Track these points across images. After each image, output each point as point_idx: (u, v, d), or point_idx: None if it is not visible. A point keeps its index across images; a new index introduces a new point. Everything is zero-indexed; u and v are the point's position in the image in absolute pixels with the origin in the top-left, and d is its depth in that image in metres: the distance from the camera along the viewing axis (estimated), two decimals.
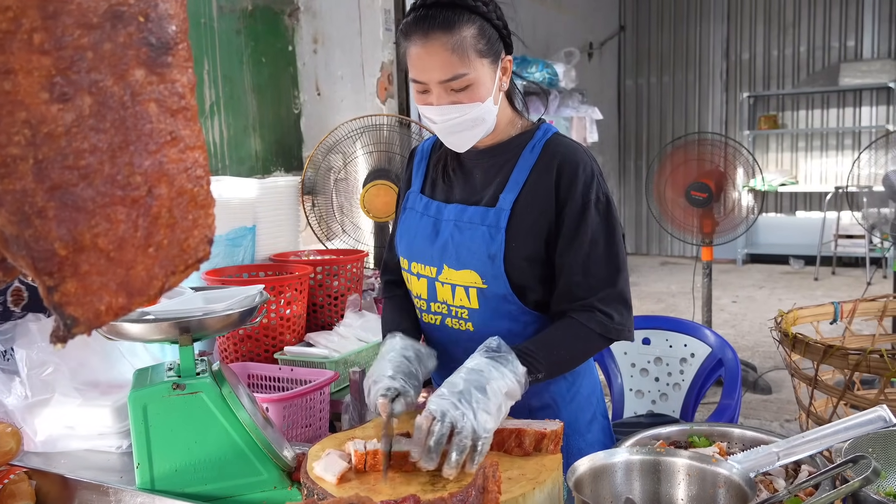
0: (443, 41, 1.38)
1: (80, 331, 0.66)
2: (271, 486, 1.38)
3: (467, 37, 1.39)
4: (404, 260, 1.59)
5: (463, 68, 1.39)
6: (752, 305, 6.74)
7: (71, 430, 1.63)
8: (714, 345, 2.54)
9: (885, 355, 1.96)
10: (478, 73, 1.41)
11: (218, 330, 1.43)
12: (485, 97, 1.43)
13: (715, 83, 9.32)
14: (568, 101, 6.52)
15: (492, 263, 1.45)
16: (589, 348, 1.49)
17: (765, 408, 4.27)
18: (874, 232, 4.63)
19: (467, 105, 1.42)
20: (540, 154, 1.50)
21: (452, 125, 1.44)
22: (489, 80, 1.43)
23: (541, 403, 1.56)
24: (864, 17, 8.50)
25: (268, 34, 3.83)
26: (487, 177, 1.53)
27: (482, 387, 1.25)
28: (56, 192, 0.63)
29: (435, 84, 1.41)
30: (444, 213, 1.53)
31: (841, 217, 7.95)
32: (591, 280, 1.46)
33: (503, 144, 1.53)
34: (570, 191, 1.46)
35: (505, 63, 1.48)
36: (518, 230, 1.46)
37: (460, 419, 1.19)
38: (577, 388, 1.60)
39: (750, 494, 0.93)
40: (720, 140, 4.57)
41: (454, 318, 1.54)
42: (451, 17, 1.38)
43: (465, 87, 1.41)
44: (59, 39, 0.62)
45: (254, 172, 3.68)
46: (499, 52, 1.46)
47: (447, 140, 1.50)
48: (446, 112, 1.42)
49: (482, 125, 1.46)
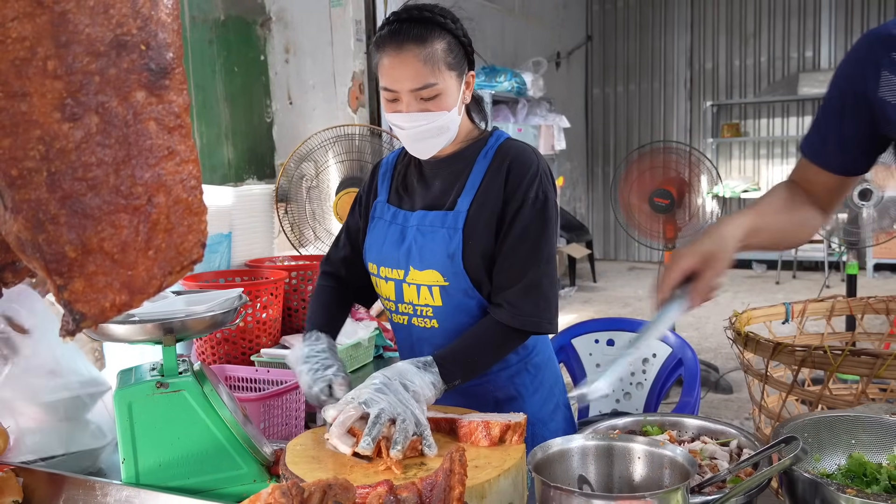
0: (415, 52, 1.49)
1: (87, 325, 0.73)
2: (251, 480, 1.45)
3: (438, 50, 1.51)
4: (374, 265, 1.68)
5: (433, 78, 1.51)
6: (715, 309, 6.90)
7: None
8: (674, 345, 2.65)
9: (828, 351, 2.08)
10: (446, 84, 1.53)
11: (200, 331, 1.50)
12: (451, 107, 1.55)
13: (679, 92, 9.54)
14: (536, 109, 6.65)
15: (451, 262, 1.56)
16: (503, 344, 1.57)
17: (726, 406, 4.41)
18: (832, 237, 4.80)
19: (435, 113, 1.53)
20: (493, 158, 1.61)
21: (420, 132, 1.55)
22: (455, 92, 1.56)
23: (506, 395, 1.67)
24: (822, 29, 8.78)
25: (240, 44, 3.89)
26: (446, 184, 1.64)
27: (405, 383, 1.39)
28: (67, 201, 0.71)
29: (406, 92, 1.52)
30: (409, 220, 1.64)
31: None
32: (509, 274, 1.56)
33: (459, 153, 1.64)
34: (515, 188, 1.57)
35: (468, 78, 1.60)
36: (473, 230, 1.57)
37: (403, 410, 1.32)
38: (541, 380, 1.70)
39: (691, 472, 1.03)
40: (684, 148, 4.72)
41: (420, 318, 1.64)
42: (424, 32, 1.51)
43: (434, 96, 1.52)
44: (70, 66, 0.70)
45: (227, 180, 3.73)
46: (464, 67, 1.58)
47: (413, 147, 1.61)
48: (415, 119, 1.54)
49: (446, 133, 1.58)
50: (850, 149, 1.39)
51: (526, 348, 1.68)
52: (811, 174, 1.45)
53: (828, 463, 1.29)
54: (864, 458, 1.23)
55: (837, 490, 1.07)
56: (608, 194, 9.60)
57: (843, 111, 1.37)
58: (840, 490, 1.07)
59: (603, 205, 9.90)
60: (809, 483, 1.10)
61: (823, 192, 1.46)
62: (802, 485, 1.11)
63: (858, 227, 4.16)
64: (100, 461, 1.68)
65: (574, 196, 9.80)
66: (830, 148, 1.40)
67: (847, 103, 1.36)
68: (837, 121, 1.38)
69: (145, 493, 1.35)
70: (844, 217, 4.45)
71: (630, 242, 9.64)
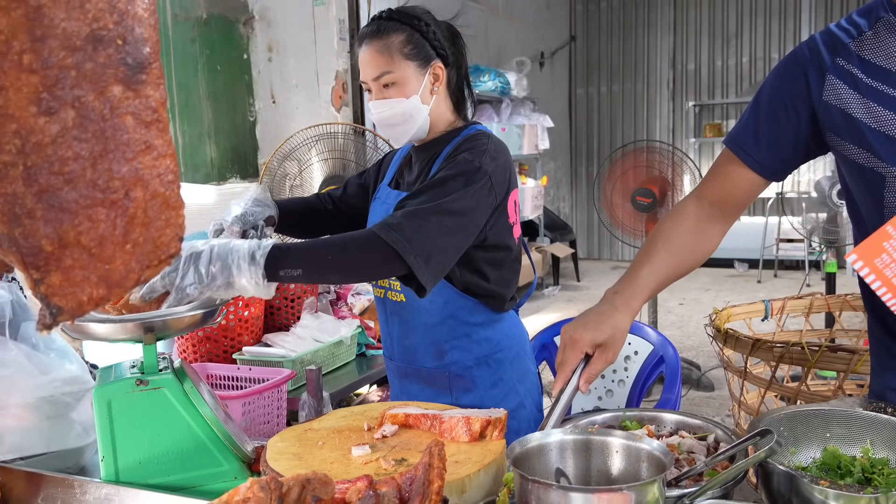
0: (375, 45, 1.63)
1: (64, 319, 0.73)
2: (232, 477, 1.45)
3: (395, 41, 1.63)
4: None
5: (387, 67, 1.63)
6: (697, 307, 6.97)
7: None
8: (656, 342, 2.67)
9: (805, 347, 2.11)
10: (402, 73, 1.63)
11: (181, 329, 1.50)
12: (409, 94, 1.64)
13: (662, 92, 9.60)
14: (520, 108, 6.67)
15: None
16: (363, 247, 1.41)
17: (707, 404, 4.45)
18: (812, 236, 4.85)
19: (394, 100, 1.64)
20: (457, 144, 1.67)
21: (384, 117, 1.66)
22: (415, 81, 1.65)
23: (463, 386, 1.73)
24: (802, 30, 8.87)
25: (223, 42, 3.88)
26: (420, 168, 1.74)
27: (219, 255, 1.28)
28: (43, 195, 0.71)
29: (370, 81, 1.65)
30: (390, 199, 1.74)
31: (782, 222, 8.26)
32: (406, 203, 1.50)
33: (435, 141, 1.73)
34: (454, 154, 1.61)
35: (436, 70, 1.67)
36: None
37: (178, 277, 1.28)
38: (501, 375, 1.75)
39: (667, 464, 1.04)
40: (667, 148, 4.76)
41: (393, 291, 1.74)
42: (384, 26, 1.64)
43: (391, 83, 1.64)
44: (46, 60, 0.70)
45: (209, 179, 3.72)
46: (428, 58, 1.66)
47: (385, 133, 1.73)
48: (378, 106, 1.66)
49: (411, 121, 1.66)
50: (780, 150, 1.40)
51: (490, 342, 1.72)
52: (733, 174, 1.46)
53: (803, 456, 1.30)
54: (838, 451, 1.25)
55: (812, 482, 1.08)
56: (591, 193, 9.66)
57: (779, 113, 1.38)
58: (814, 482, 1.08)
59: (586, 204, 9.95)
60: (784, 475, 1.12)
61: (740, 196, 1.47)
62: (777, 477, 1.13)
63: (837, 226, 4.21)
64: (83, 460, 1.67)
65: (558, 196, 9.84)
66: (763, 148, 1.41)
67: (786, 105, 1.37)
68: (772, 122, 1.39)
69: (125, 490, 1.35)
70: (824, 217, 4.50)
71: (613, 242, 9.69)
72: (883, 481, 1.15)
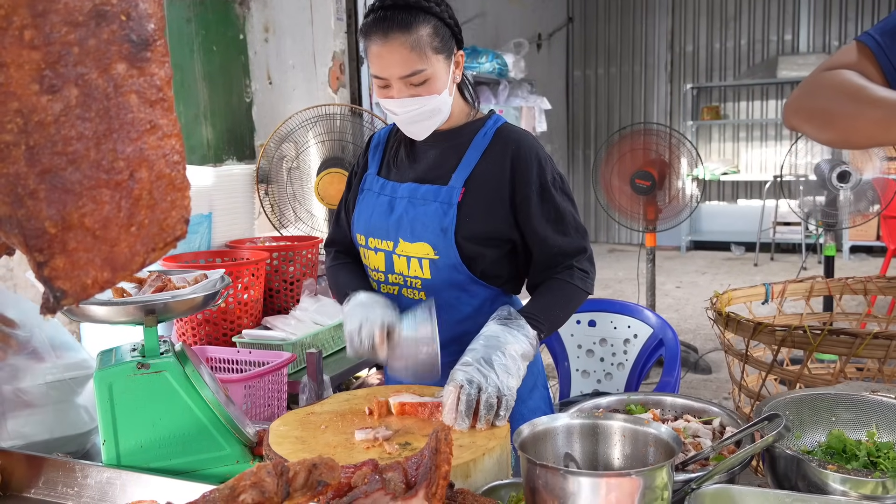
0: (402, 40, 1.51)
1: (68, 302, 0.72)
2: (234, 461, 1.44)
3: (424, 35, 1.52)
4: (362, 236, 1.69)
5: (420, 65, 1.52)
6: (695, 290, 6.97)
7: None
8: (655, 326, 2.67)
9: (808, 331, 2.10)
10: (434, 69, 1.54)
11: (182, 312, 1.49)
12: (440, 90, 1.56)
13: (660, 74, 9.55)
14: (517, 90, 6.62)
15: (444, 236, 1.57)
16: (576, 302, 1.66)
17: (705, 387, 4.46)
18: (809, 219, 4.84)
19: (425, 98, 1.55)
20: (492, 140, 1.64)
21: (412, 116, 1.58)
22: (444, 74, 1.57)
23: None
24: (801, 13, 8.82)
25: (218, 23, 3.83)
26: (440, 159, 1.65)
27: (501, 350, 1.41)
28: (46, 176, 0.69)
29: (395, 79, 1.54)
30: (398, 191, 1.65)
31: (779, 205, 8.25)
32: (569, 246, 1.63)
33: (456, 130, 1.66)
34: (527, 175, 1.60)
35: (457, 58, 1.61)
36: (470, 207, 1.59)
37: (484, 381, 1.34)
38: None
39: (676, 449, 1.03)
40: (665, 130, 4.73)
41: (409, 289, 1.66)
42: (409, 19, 1.51)
43: (423, 81, 1.54)
44: (48, 36, 0.68)
45: (206, 161, 3.68)
46: (452, 48, 1.59)
47: (408, 129, 1.63)
48: (406, 104, 1.56)
49: (438, 115, 1.60)
50: None
51: None
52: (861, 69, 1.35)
53: (808, 440, 1.30)
54: (843, 435, 1.25)
55: (819, 466, 1.08)
56: (589, 176, 9.63)
57: None
58: (821, 466, 1.08)
59: (584, 187, 9.92)
60: (791, 459, 1.11)
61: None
62: (784, 461, 1.13)
63: (836, 209, 4.20)
64: (88, 444, 1.66)
65: None
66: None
67: None
68: None
69: (126, 474, 1.34)
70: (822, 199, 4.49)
71: (611, 225, 9.68)
72: (889, 465, 1.15)
